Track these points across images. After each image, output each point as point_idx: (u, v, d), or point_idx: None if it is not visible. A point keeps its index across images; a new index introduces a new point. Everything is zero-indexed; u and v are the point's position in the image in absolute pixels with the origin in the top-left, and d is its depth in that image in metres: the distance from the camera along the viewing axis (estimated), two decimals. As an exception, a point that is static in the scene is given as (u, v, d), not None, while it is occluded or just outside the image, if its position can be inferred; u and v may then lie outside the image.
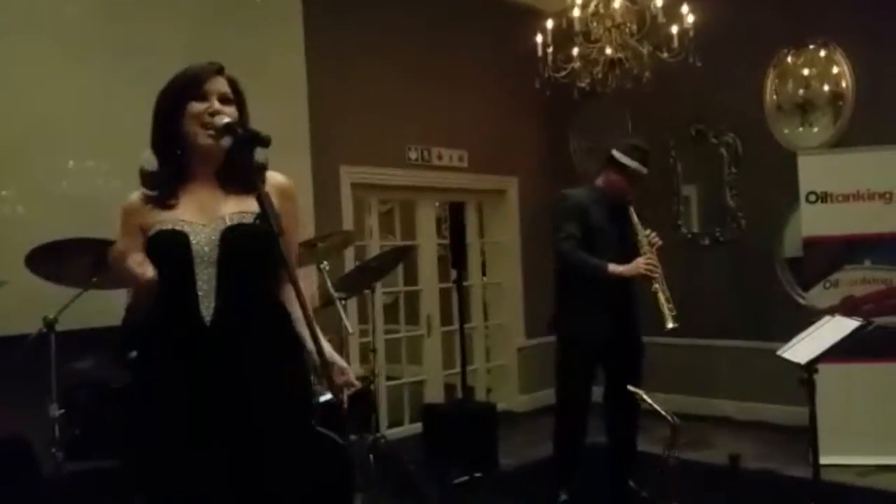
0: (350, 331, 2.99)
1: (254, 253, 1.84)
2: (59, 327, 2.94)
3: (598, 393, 3.65)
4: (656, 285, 3.39)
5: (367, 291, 3.94)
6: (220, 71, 1.92)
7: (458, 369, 5.13)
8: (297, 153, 4.69)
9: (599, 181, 3.68)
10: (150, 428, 1.84)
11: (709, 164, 5.76)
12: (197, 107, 1.86)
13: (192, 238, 1.85)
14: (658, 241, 3.50)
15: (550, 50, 4.63)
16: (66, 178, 3.69)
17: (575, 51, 4.62)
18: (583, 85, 4.72)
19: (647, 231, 3.51)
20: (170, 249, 1.85)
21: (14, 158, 3.48)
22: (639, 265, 3.41)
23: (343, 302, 3.06)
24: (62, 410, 2.88)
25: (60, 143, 3.64)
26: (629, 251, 3.51)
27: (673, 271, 3.63)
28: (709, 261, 5.75)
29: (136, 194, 1.93)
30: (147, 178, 1.94)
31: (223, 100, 1.89)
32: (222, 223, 1.87)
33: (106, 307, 2.95)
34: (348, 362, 4.82)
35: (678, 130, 5.87)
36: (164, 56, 3.94)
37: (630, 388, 2.50)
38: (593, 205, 3.55)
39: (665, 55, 4.46)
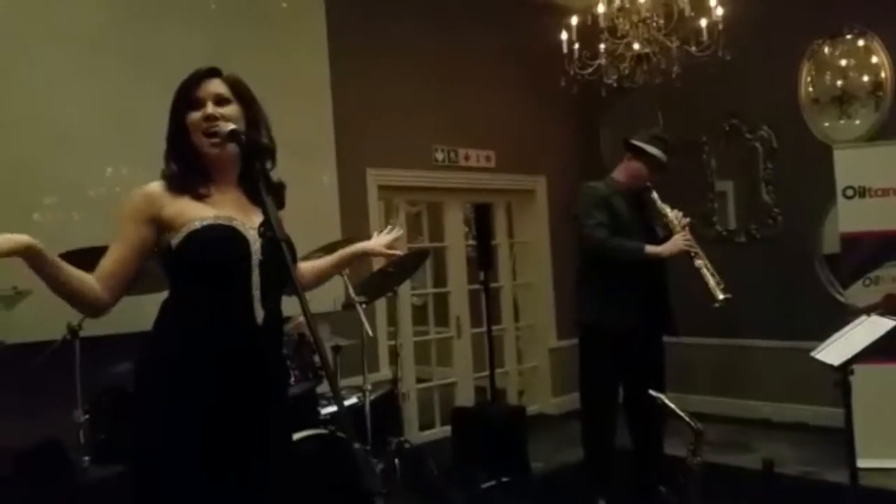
0: (370, 334, 2.98)
1: (285, 261, 1.79)
2: (83, 333, 2.98)
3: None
4: (698, 261, 3.35)
5: (390, 294, 3.92)
6: (212, 73, 1.90)
7: (488, 371, 5.10)
8: (323, 157, 4.70)
9: (617, 173, 3.67)
10: (179, 430, 1.75)
11: (743, 160, 5.65)
12: (194, 116, 1.85)
13: (248, 236, 1.83)
14: (686, 220, 3.49)
15: (576, 47, 4.59)
16: (89, 185, 3.74)
17: (601, 47, 4.57)
18: (610, 81, 4.66)
19: (675, 213, 3.47)
20: (229, 246, 1.80)
21: (38, 166, 3.53)
22: (677, 242, 3.40)
23: (363, 305, 3.04)
24: (87, 416, 2.91)
25: (84, 150, 3.69)
26: (651, 238, 3.50)
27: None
28: (745, 258, 5.63)
29: (155, 183, 1.85)
30: (172, 176, 1.86)
31: (219, 101, 1.86)
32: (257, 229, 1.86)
33: (131, 313, 3.00)
34: (376, 366, 4.85)
35: (711, 126, 5.76)
36: (186, 61, 4.00)
37: (652, 392, 2.44)
38: (614, 196, 3.56)
39: (694, 49, 4.37)
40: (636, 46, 4.49)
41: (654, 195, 3.52)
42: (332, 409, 3.22)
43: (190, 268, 1.80)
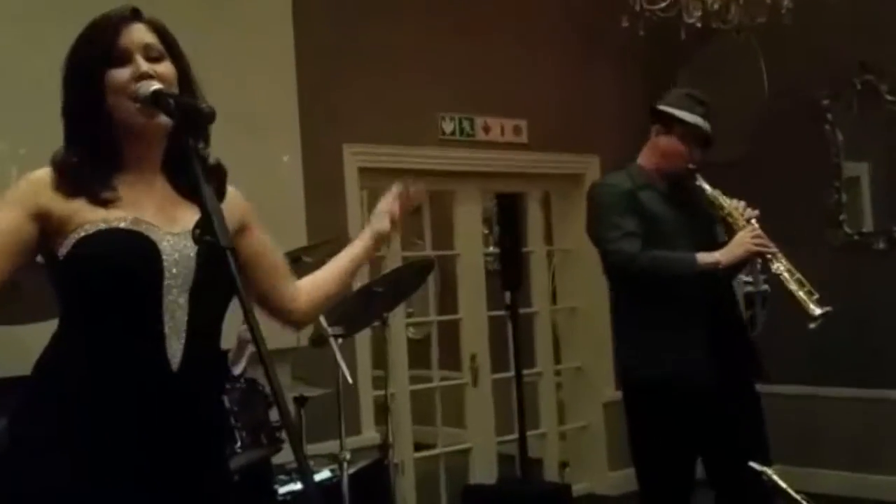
0: (349, 380, 3.00)
1: (231, 278, 1.78)
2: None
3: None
4: (777, 265, 3.35)
5: (377, 324, 3.95)
6: (135, 15, 1.91)
7: (516, 434, 5.10)
8: (280, 129, 4.75)
9: (643, 157, 3.71)
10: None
11: (883, 133, 5.66)
12: (119, 74, 1.85)
13: (161, 247, 1.85)
14: (754, 212, 3.48)
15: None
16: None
17: (681, -29, 4.62)
18: (692, 20, 4.71)
19: (735, 203, 3.50)
20: (128, 258, 1.82)
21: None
22: (743, 242, 3.39)
23: (339, 340, 3.07)
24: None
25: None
26: (708, 245, 3.50)
27: (826, 287, 3.54)
28: (885, 271, 5.62)
29: (45, 170, 1.87)
30: (64, 168, 1.88)
31: (151, 56, 1.88)
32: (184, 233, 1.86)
33: (10, 350, 3.00)
34: (356, 426, 4.87)
35: (836, 84, 5.78)
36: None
37: (753, 465, 2.45)
38: (643, 191, 3.58)
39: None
40: (730, -30, 4.54)
41: (701, 181, 3.53)
42: (296, 486, 3.23)
43: (79, 289, 1.84)
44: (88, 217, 1.82)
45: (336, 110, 5.02)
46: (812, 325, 3.33)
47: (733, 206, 3.51)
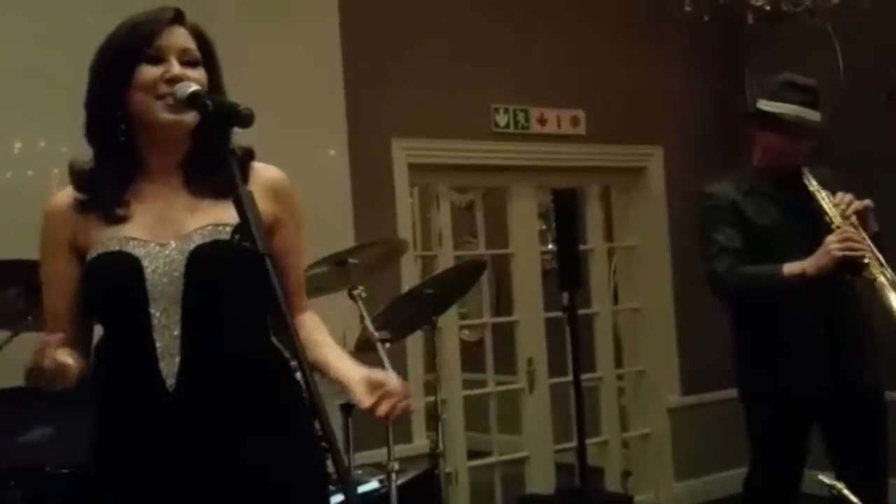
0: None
1: (234, 284, 1.89)
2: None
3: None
4: (872, 270, 3.26)
5: (427, 327, 3.96)
6: (178, 18, 1.97)
7: (575, 442, 5.08)
8: (326, 122, 4.77)
9: (755, 158, 3.68)
10: None
11: None
12: (150, 72, 1.91)
13: (145, 264, 1.91)
14: (860, 204, 3.38)
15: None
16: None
17: (748, -50, 4.58)
18: (760, 3, 4.65)
19: (840, 197, 3.41)
20: (112, 281, 1.92)
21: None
22: (828, 247, 3.29)
23: (386, 345, 3.08)
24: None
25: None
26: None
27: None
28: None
29: (63, 193, 2.00)
30: (79, 178, 2.00)
31: (186, 60, 1.94)
32: (189, 242, 1.92)
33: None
34: (407, 433, 4.87)
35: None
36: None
37: (823, 479, 2.43)
38: (748, 197, 3.58)
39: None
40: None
41: (808, 177, 3.47)
42: (339, 499, 3.22)
43: (92, 308, 1.99)
44: (96, 237, 1.95)
45: (384, 104, 5.03)
46: None
47: (835, 202, 3.42)
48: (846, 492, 2.35)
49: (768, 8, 4.68)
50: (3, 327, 3.06)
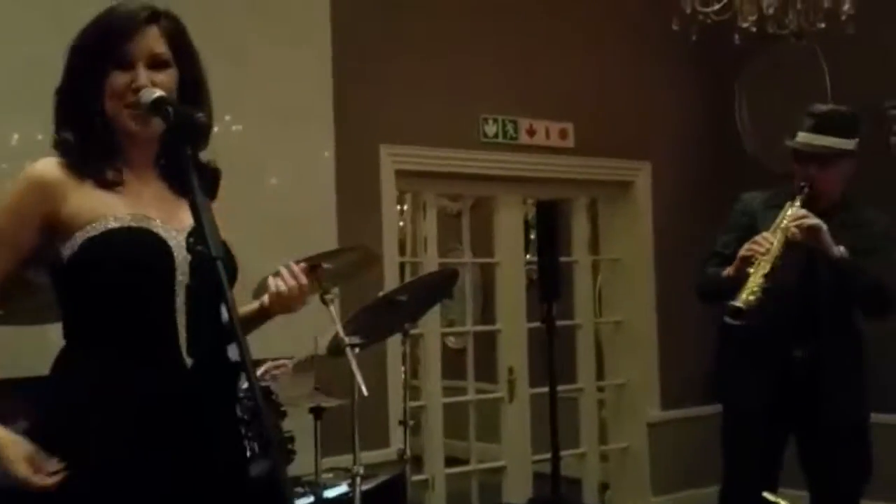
0: (364, 392, 3.07)
1: (220, 285, 1.90)
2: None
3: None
4: (751, 269, 3.42)
5: (408, 333, 4.00)
6: (153, 17, 2.01)
7: (551, 453, 5.11)
8: (313, 125, 4.80)
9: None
10: None
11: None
12: (119, 79, 1.97)
13: (172, 245, 1.97)
14: (802, 221, 3.48)
15: (698, -27, 4.63)
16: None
17: (735, -29, 4.61)
18: (747, 25, 4.69)
19: (792, 211, 3.54)
20: (142, 257, 1.94)
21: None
22: (741, 251, 3.48)
23: (356, 350, 3.13)
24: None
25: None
26: (803, 265, 3.57)
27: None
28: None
29: (49, 160, 1.99)
30: (67, 146, 2.00)
31: (155, 63, 1.99)
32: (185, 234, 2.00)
33: (27, 350, 3.09)
34: (385, 436, 4.86)
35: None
36: None
37: (766, 495, 2.47)
38: (769, 210, 3.68)
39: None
40: (787, -27, 4.52)
41: (796, 199, 3.58)
42: (308, 500, 3.29)
43: (88, 290, 1.94)
44: (95, 211, 1.93)
45: (373, 109, 5.07)
46: (727, 316, 3.38)
47: (787, 213, 3.54)
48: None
49: (754, 30, 4.71)
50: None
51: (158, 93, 1.93)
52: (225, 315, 1.88)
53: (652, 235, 6.23)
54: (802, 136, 3.70)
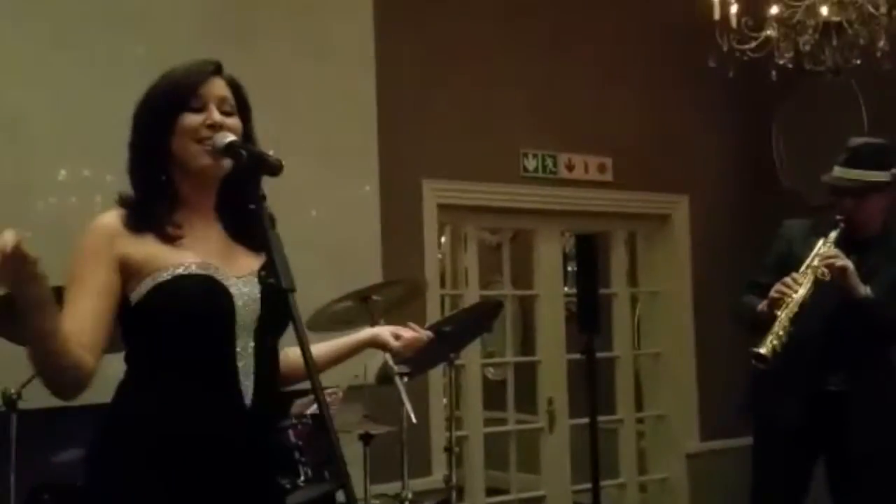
0: (413, 420, 3.17)
1: (286, 321, 2.06)
2: (23, 405, 3.27)
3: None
4: (779, 312, 3.51)
5: (449, 364, 4.08)
6: (217, 70, 2.16)
7: (591, 484, 5.15)
8: (358, 161, 4.92)
9: None
10: None
11: None
12: (192, 119, 2.09)
13: (234, 292, 2.10)
14: (832, 261, 3.56)
15: (734, 12, 4.71)
16: (36, 191, 4.02)
17: (773, 10, 4.68)
18: (783, 62, 4.77)
19: (823, 250, 3.63)
20: (204, 303, 2.06)
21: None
22: (771, 292, 3.58)
23: (404, 379, 3.23)
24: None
25: (31, 143, 3.99)
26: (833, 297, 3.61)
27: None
28: None
29: (111, 213, 2.11)
30: (128, 202, 2.13)
31: (224, 109, 2.12)
32: (254, 277, 2.13)
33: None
34: (426, 467, 4.96)
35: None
36: (174, 34, 4.15)
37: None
38: (809, 238, 3.77)
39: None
40: (824, 11, 4.59)
41: (831, 233, 3.69)
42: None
43: (154, 332, 2.07)
44: (160, 261, 2.05)
45: (416, 145, 5.18)
46: (751, 355, 3.49)
47: (817, 252, 3.64)
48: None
49: (791, 66, 4.79)
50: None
51: (231, 137, 2.07)
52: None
53: (690, 268, 6.29)
54: (837, 171, 3.81)
